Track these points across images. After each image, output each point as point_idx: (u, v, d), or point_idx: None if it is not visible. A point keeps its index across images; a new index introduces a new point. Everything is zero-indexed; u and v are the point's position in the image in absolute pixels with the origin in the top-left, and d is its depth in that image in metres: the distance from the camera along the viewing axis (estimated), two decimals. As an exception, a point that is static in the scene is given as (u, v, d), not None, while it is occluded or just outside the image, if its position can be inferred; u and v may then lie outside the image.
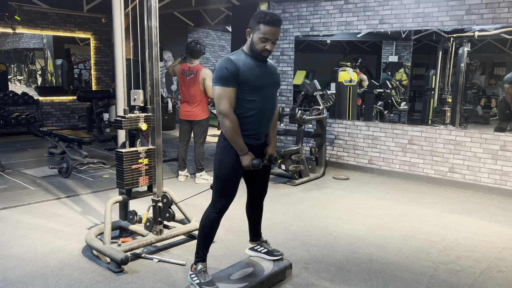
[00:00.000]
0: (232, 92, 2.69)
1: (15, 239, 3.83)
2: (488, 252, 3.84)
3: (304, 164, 6.12)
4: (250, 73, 2.71)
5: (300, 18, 7.44)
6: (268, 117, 2.89)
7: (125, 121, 3.55)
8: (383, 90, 7.52)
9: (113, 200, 3.64)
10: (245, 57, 2.76)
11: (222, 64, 2.68)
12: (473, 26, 5.76)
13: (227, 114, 2.69)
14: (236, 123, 2.72)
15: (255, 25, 2.70)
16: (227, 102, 2.68)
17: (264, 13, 2.69)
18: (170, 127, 11.05)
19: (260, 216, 3.28)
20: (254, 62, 2.76)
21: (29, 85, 10.70)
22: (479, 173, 5.79)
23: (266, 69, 2.84)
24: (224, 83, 2.67)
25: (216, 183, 2.87)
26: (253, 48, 2.74)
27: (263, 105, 2.80)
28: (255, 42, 2.71)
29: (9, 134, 9.23)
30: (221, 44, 13.90)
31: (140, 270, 3.32)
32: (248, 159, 2.78)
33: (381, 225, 4.46)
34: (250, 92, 2.73)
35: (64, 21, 9.94)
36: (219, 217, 2.89)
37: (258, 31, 2.69)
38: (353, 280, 3.25)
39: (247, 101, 2.74)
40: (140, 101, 3.58)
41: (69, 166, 5.91)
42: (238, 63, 2.69)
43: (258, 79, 2.75)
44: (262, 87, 2.78)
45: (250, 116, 2.77)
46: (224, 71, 2.66)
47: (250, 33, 2.73)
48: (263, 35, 2.68)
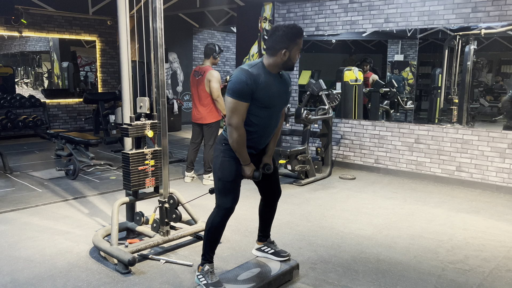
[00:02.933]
0: (246, 107, 2.69)
1: (23, 241, 3.86)
2: (496, 251, 3.81)
3: (310, 164, 6.11)
4: (265, 92, 2.70)
5: (305, 18, 7.42)
6: (269, 133, 2.92)
7: (132, 129, 3.57)
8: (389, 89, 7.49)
9: (120, 202, 3.65)
10: (265, 73, 2.72)
11: (243, 78, 2.63)
12: (479, 24, 5.72)
13: (237, 128, 2.69)
14: (244, 137, 2.73)
15: (291, 42, 2.67)
16: (239, 117, 2.68)
17: (293, 28, 2.67)
18: (176, 128, 11.07)
19: (273, 216, 3.27)
20: (272, 80, 2.75)
21: (35, 88, 10.77)
22: (487, 171, 5.75)
23: (281, 87, 2.82)
24: (240, 97, 2.64)
25: (218, 185, 2.86)
26: (288, 64, 2.73)
27: (267, 121, 2.83)
28: (293, 57, 2.72)
29: (17, 137, 9.29)
30: (226, 45, 13.91)
31: (147, 271, 3.32)
32: (249, 170, 2.83)
33: (388, 224, 4.43)
34: (259, 109, 2.74)
35: (70, 24, 10.00)
36: (224, 221, 2.87)
37: (296, 47, 2.69)
38: (361, 280, 3.23)
39: (253, 116, 2.75)
40: (146, 108, 3.60)
41: (76, 168, 5.94)
42: (258, 80, 2.66)
43: (271, 99, 2.76)
44: (272, 106, 2.79)
45: (253, 131, 2.79)
46: (243, 86, 2.62)
47: (287, 53, 2.69)
48: (299, 47, 2.71)
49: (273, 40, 2.69)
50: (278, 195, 3.19)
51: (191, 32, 12.48)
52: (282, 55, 2.68)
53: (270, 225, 3.30)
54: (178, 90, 12.27)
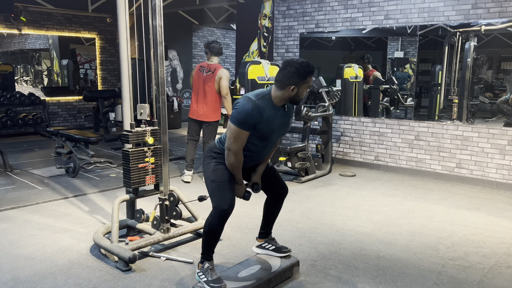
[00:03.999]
0: (247, 135, 2.76)
1: (24, 239, 3.86)
2: (496, 247, 3.81)
3: (310, 161, 6.11)
4: (267, 126, 2.76)
5: (304, 15, 7.41)
6: (262, 157, 2.99)
7: (132, 136, 3.57)
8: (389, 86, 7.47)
9: (120, 199, 3.65)
10: (270, 107, 2.76)
11: (249, 110, 2.67)
12: (479, 20, 5.71)
13: (236, 153, 2.77)
14: (240, 162, 2.83)
15: (301, 80, 2.69)
16: (240, 144, 2.75)
17: (305, 65, 2.68)
18: (176, 126, 11.07)
19: (277, 214, 3.28)
20: (276, 114, 2.79)
21: (35, 85, 10.76)
22: (487, 168, 5.75)
23: (283, 120, 2.87)
24: (242, 126, 2.70)
25: (212, 187, 2.86)
26: (295, 98, 2.76)
27: (262, 149, 2.90)
28: (301, 93, 2.75)
29: (16, 135, 9.29)
30: (226, 42, 13.89)
31: (148, 268, 3.33)
32: (241, 191, 2.94)
33: (389, 221, 4.44)
34: (257, 138, 2.81)
35: (69, 22, 9.98)
36: (221, 223, 2.85)
37: (305, 84, 2.72)
38: (361, 277, 3.24)
39: (249, 143, 2.81)
40: (147, 115, 3.61)
41: (76, 166, 5.94)
42: (263, 113, 2.71)
43: (271, 132, 2.82)
44: (270, 138, 2.86)
45: (246, 154, 2.85)
46: (248, 118, 2.68)
47: (295, 89, 2.72)
48: (308, 84, 2.74)
49: (283, 74, 2.71)
50: (285, 193, 3.20)
51: (190, 29, 12.46)
52: (290, 90, 2.72)
53: (274, 222, 3.31)
54: (178, 87, 12.26)
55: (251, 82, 5.94)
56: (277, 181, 3.16)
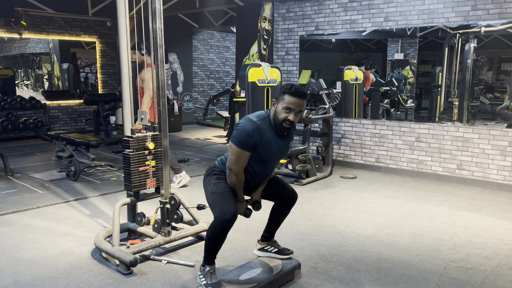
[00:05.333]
0: (248, 156, 2.80)
1: (25, 243, 3.86)
2: (498, 249, 3.80)
3: (311, 164, 6.11)
4: (266, 149, 2.80)
5: (304, 17, 7.42)
6: (261, 180, 3.02)
7: (133, 141, 3.58)
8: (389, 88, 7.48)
9: (121, 203, 3.65)
10: (270, 130, 2.81)
11: (250, 131, 2.72)
12: (479, 22, 5.72)
13: (237, 174, 2.83)
14: (241, 182, 2.88)
15: (280, 95, 2.76)
16: (241, 164, 2.80)
17: (291, 85, 2.75)
18: (177, 129, 11.08)
19: (283, 219, 3.27)
20: (275, 138, 2.83)
21: (36, 89, 10.78)
22: (488, 169, 5.74)
23: (283, 143, 2.90)
24: (244, 148, 2.75)
25: (213, 198, 2.85)
26: (275, 117, 2.79)
27: (262, 172, 2.93)
28: (278, 111, 2.76)
29: (17, 139, 9.30)
30: (226, 45, 13.91)
31: (149, 271, 3.33)
32: (242, 208, 2.97)
33: (390, 223, 4.43)
34: (256, 162, 2.85)
35: (70, 25, 10.00)
36: (223, 233, 2.82)
37: (282, 101, 2.74)
38: (363, 279, 3.23)
39: (249, 166, 2.86)
40: (147, 121, 3.62)
41: (77, 169, 5.94)
42: (263, 135, 2.76)
43: (270, 156, 2.86)
44: (268, 161, 2.89)
45: (248, 178, 2.90)
46: (249, 139, 2.73)
47: (275, 103, 2.79)
48: (286, 105, 2.73)
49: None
50: (295, 199, 3.17)
51: (190, 32, 12.48)
52: (273, 105, 2.81)
53: (278, 227, 3.31)
54: (178, 90, 12.27)
55: (251, 84, 5.95)
56: (284, 188, 3.15)
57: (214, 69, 13.63)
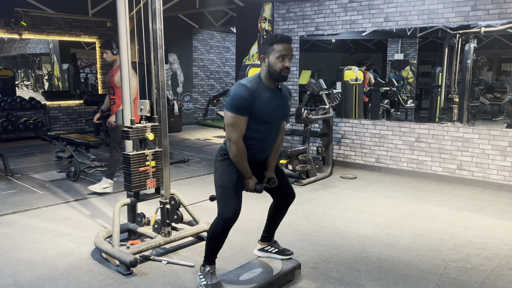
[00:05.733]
0: (245, 121, 2.69)
1: (25, 243, 3.86)
2: (498, 249, 3.80)
3: (311, 164, 6.11)
4: (263, 106, 2.70)
5: (304, 18, 7.42)
6: (269, 146, 2.91)
7: (132, 131, 3.57)
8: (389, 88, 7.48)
9: (121, 203, 3.65)
10: (261, 87, 2.73)
11: (241, 93, 2.64)
12: (479, 22, 5.71)
13: (237, 142, 2.70)
14: (243, 151, 2.74)
15: (268, 47, 2.68)
16: (239, 131, 2.69)
17: (274, 35, 2.71)
18: (177, 129, 11.08)
19: (281, 219, 3.25)
20: (270, 94, 2.75)
21: (36, 90, 10.79)
22: (488, 170, 5.74)
23: (280, 101, 2.82)
24: (239, 112, 2.65)
25: (219, 193, 2.83)
26: (271, 71, 2.70)
27: (266, 136, 2.83)
28: (273, 63, 2.68)
29: (17, 139, 9.30)
30: (226, 46, 13.92)
31: (149, 272, 3.32)
32: (251, 184, 2.83)
33: (390, 223, 4.43)
34: (258, 124, 2.75)
35: (70, 26, 10.00)
36: (225, 230, 2.83)
37: (273, 52, 2.67)
38: (363, 280, 3.23)
39: (252, 130, 2.75)
40: (147, 111, 3.61)
41: (77, 170, 5.94)
42: (256, 94, 2.67)
43: (270, 114, 2.76)
44: (271, 121, 2.79)
45: (252, 144, 2.79)
46: (242, 101, 2.63)
47: (265, 58, 2.70)
48: (279, 53, 2.66)
49: (258, 51, 2.74)
50: (292, 198, 3.14)
51: (190, 33, 12.49)
52: (263, 62, 2.71)
53: (277, 227, 3.29)
54: (178, 91, 12.28)
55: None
56: (286, 186, 3.12)
57: (214, 70, 13.64)
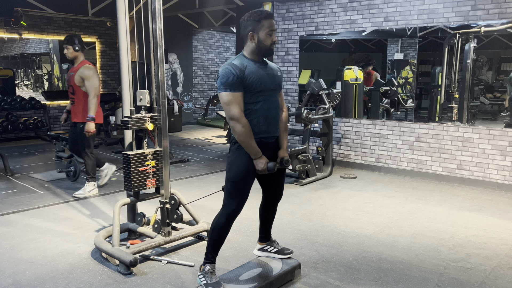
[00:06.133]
0: (241, 97, 2.71)
1: (25, 243, 3.86)
2: (498, 249, 3.80)
3: (311, 164, 6.11)
4: (254, 77, 2.74)
5: (304, 17, 7.42)
6: (274, 117, 2.89)
7: (132, 121, 3.56)
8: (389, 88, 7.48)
9: (121, 203, 3.65)
10: (247, 61, 2.77)
11: (228, 70, 2.68)
12: (479, 22, 5.71)
13: (239, 118, 2.68)
14: (248, 127, 2.71)
15: (257, 24, 2.74)
16: (237, 107, 2.68)
17: (258, 11, 2.76)
18: (177, 129, 11.08)
19: (273, 218, 3.27)
20: (256, 66, 2.79)
21: (36, 89, 10.78)
22: (488, 169, 5.74)
23: (268, 71, 2.85)
24: (231, 88, 2.67)
25: (227, 185, 2.85)
26: (261, 47, 2.76)
27: (266, 106, 2.82)
28: (264, 39, 2.74)
29: (17, 139, 9.29)
30: (226, 45, 13.92)
31: (149, 272, 3.32)
32: (263, 163, 2.76)
33: (390, 223, 4.43)
34: (253, 95, 2.76)
35: (70, 26, 10.00)
36: (228, 222, 2.86)
37: (262, 28, 2.73)
38: (363, 280, 3.23)
39: (250, 104, 2.76)
40: (146, 101, 3.59)
41: (77, 170, 5.94)
42: (243, 68, 2.71)
43: (261, 83, 2.78)
44: (264, 90, 2.81)
45: (255, 117, 2.78)
46: (232, 77, 2.66)
47: (254, 36, 2.75)
48: (269, 29, 2.74)
49: (242, 27, 2.79)
50: (278, 198, 3.17)
51: (190, 32, 12.49)
52: (252, 39, 2.76)
53: (271, 226, 3.30)
54: (178, 90, 12.28)
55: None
56: (280, 184, 3.13)
57: (214, 69, 13.64)
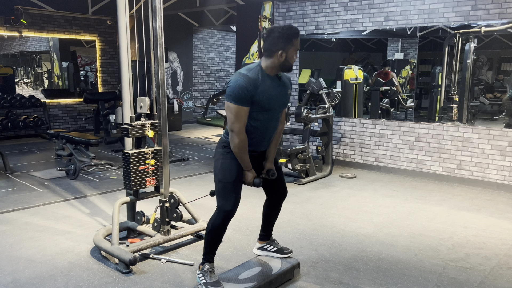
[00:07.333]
0: (247, 111, 2.69)
1: (24, 241, 3.86)
2: (497, 249, 3.81)
3: (310, 163, 6.11)
4: (264, 96, 2.71)
5: (304, 17, 7.42)
6: (269, 135, 2.92)
7: (132, 129, 3.57)
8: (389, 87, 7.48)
9: (121, 201, 3.65)
10: (263, 76, 2.72)
11: (242, 83, 2.63)
12: (479, 22, 5.71)
13: (239, 133, 2.70)
14: (245, 142, 2.73)
15: (288, 43, 2.67)
16: (241, 122, 2.68)
17: (288, 28, 2.68)
18: (176, 127, 11.08)
19: (277, 216, 3.26)
20: (270, 83, 2.75)
21: (36, 88, 10.77)
22: (488, 169, 5.75)
23: (280, 89, 2.82)
24: (241, 102, 2.65)
25: (219, 187, 2.84)
26: (286, 64, 2.72)
27: (267, 124, 2.83)
28: (290, 57, 2.71)
29: (17, 137, 9.30)
30: (226, 44, 13.91)
31: (149, 270, 3.33)
32: (250, 176, 2.83)
33: (389, 223, 4.44)
34: (259, 112, 2.74)
35: (70, 24, 9.99)
36: (224, 223, 2.85)
37: (293, 47, 2.69)
38: (362, 279, 3.23)
39: (253, 119, 2.75)
40: (146, 108, 3.60)
41: (76, 168, 5.94)
42: (257, 83, 2.67)
43: (270, 102, 2.76)
44: (271, 109, 2.79)
45: (252, 133, 2.79)
46: (244, 91, 2.63)
47: (283, 54, 2.68)
48: (296, 47, 2.71)
49: (269, 42, 2.70)
50: (284, 195, 3.17)
51: (191, 31, 12.47)
52: (279, 56, 2.69)
53: (273, 224, 3.30)
54: (178, 89, 12.27)
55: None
56: (280, 183, 3.13)
57: (214, 68, 13.63)
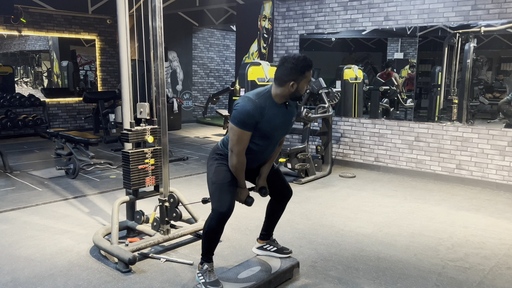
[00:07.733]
0: (249, 136, 2.73)
1: (24, 240, 3.86)
2: (497, 249, 3.81)
3: (310, 163, 6.11)
4: (269, 125, 2.74)
5: (304, 16, 7.42)
6: (264, 157, 2.96)
7: (132, 134, 3.57)
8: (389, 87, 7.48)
9: (120, 201, 3.65)
10: (271, 104, 2.74)
11: (249, 109, 2.65)
12: (479, 22, 5.72)
13: (238, 155, 2.75)
14: (243, 164, 2.79)
15: (300, 75, 2.67)
16: (242, 145, 2.73)
17: (302, 60, 2.67)
18: (176, 127, 11.08)
19: (280, 216, 3.26)
20: (277, 111, 2.77)
21: (35, 87, 10.77)
22: (487, 169, 5.75)
23: (285, 118, 2.84)
24: (245, 127, 2.68)
25: (213, 189, 2.85)
26: (296, 94, 2.73)
27: (264, 148, 2.87)
28: (302, 88, 2.72)
29: (16, 136, 9.29)
30: (226, 44, 13.90)
31: (148, 269, 3.33)
32: (244, 195, 2.89)
33: (389, 222, 4.44)
34: (259, 138, 2.78)
35: (70, 23, 9.99)
36: (220, 225, 2.84)
37: (304, 79, 2.70)
38: (361, 278, 3.24)
39: (251, 143, 2.78)
40: (146, 114, 3.60)
41: (76, 167, 5.94)
42: (263, 111, 2.69)
43: (273, 131, 2.79)
44: (272, 137, 2.83)
45: (248, 154, 2.82)
46: (249, 117, 2.65)
47: (294, 85, 2.69)
48: (307, 79, 2.73)
49: (281, 71, 2.70)
50: (289, 196, 3.17)
51: (190, 30, 12.47)
52: (290, 86, 2.70)
53: (276, 224, 3.30)
54: (177, 88, 12.27)
55: (251, 83, 5.95)
56: (282, 183, 3.14)
57: (213, 68, 13.63)
